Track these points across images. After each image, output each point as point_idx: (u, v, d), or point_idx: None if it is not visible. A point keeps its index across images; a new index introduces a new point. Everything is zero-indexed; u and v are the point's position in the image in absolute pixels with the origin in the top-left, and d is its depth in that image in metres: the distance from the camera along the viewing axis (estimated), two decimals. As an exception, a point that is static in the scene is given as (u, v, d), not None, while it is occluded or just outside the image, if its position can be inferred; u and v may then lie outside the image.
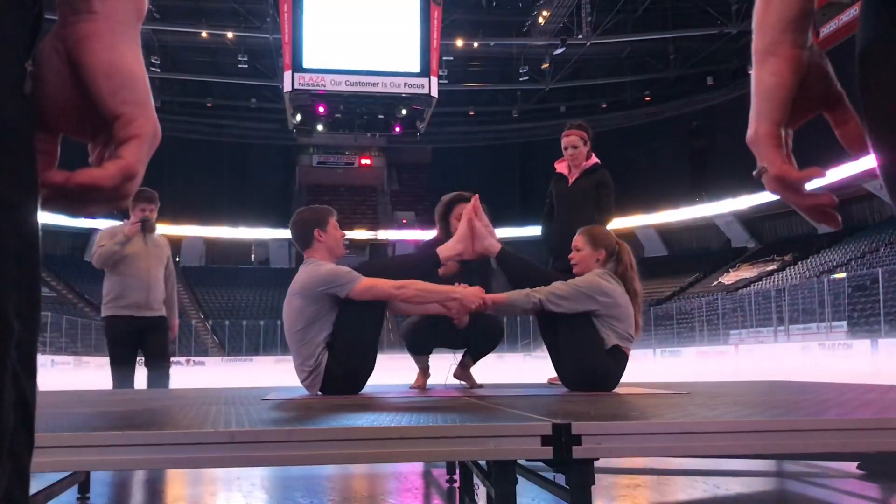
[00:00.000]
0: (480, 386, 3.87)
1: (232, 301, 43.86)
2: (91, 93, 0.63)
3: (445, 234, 3.89)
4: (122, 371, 5.02)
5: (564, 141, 4.97)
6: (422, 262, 3.58)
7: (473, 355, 3.94)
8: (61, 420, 1.99)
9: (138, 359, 5.13)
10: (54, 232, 40.63)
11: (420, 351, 3.91)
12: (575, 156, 4.93)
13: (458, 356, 3.97)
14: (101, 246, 5.13)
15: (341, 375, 3.22)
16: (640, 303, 3.42)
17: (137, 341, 5.09)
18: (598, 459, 1.65)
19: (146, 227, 5.20)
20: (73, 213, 0.65)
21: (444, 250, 3.52)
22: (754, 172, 0.75)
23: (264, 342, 38.54)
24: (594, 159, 4.97)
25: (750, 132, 0.74)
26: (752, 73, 0.75)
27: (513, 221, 36.78)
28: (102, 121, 0.64)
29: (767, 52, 0.72)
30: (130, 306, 5.07)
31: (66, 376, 20.98)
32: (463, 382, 3.94)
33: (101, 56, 0.63)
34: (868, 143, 0.71)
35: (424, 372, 3.93)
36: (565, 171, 5.02)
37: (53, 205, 0.64)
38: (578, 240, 3.48)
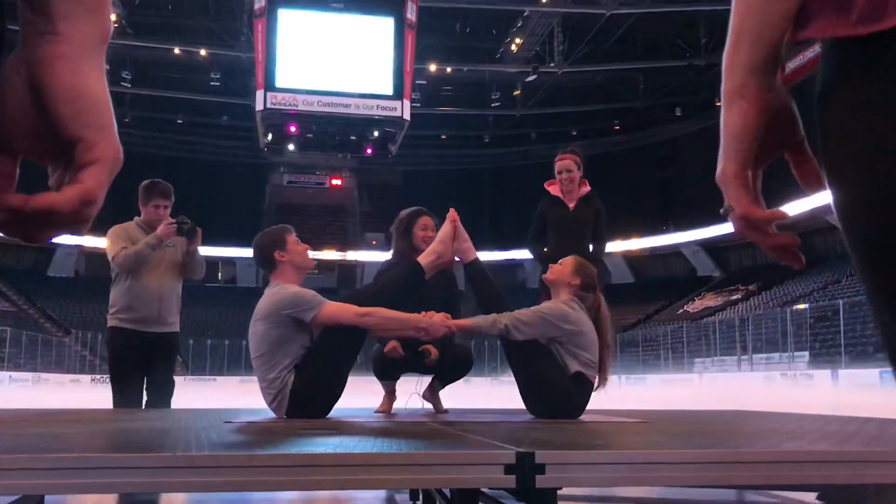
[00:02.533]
0: (446, 411, 3.87)
1: (196, 319, 43.25)
2: (52, 116, 0.62)
3: (409, 248, 3.90)
4: (125, 389, 4.50)
5: (559, 165, 4.96)
6: (405, 278, 3.57)
7: (442, 381, 3.94)
8: (14, 440, 1.94)
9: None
10: (17, 245, 39.92)
11: (388, 377, 3.90)
12: (569, 179, 4.93)
13: (425, 380, 3.97)
14: (123, 248, 4.46)
15: (308, 399, 3.19)
16: (608, 341, 3.43)
17: (144, 358, 4.53)
18: (561, 489, 1.65)
19: (184, 233, 4.52)
20: (30, 237, 0.63)
21: (424, 256, 3.55)
22: (721, 210, 0.77)
23: (229, 362, 38.07)
24: (587, 185, 4.98)
25: (718, 171, 0.76)
26: (721, 113, 0.76)
27: (482, 245, 36.82)
28: (63, 144, 0.63)
29: (735, 94, 0.74)
30: (139, 320, 4.51)
31: (24, 393, 20.52)
32: (429, 405, 3.93)
33: (64, 79, 0.62)
34: (824, 182, 0.73)
35: (391, 395, 3.91)
36: (559, 194, 5.01)
37: (10, 228, 0.62)
38: (569, 260, 3.51)
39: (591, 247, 4.94)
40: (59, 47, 0.62)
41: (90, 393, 20.89)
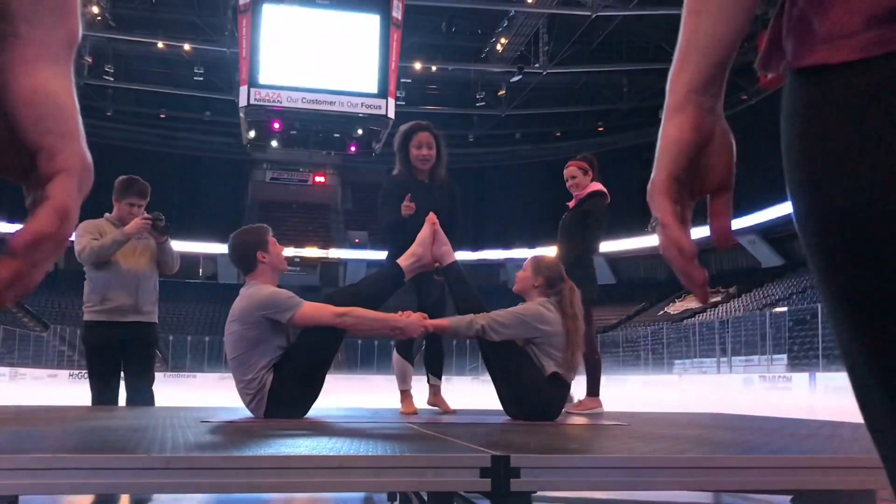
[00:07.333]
0: (454, 411, 3.91)
1: (177, 315, 43.00)
2: (13, 123, 0.58)
3: (406, 165, 4.08)
4: (103, 385, 4.43)
5: (564, 173, 5.04)
6: (386, 279, 3.61)
7: (434, 371, 4.03)
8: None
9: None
10: (-6, 239, 39.49)
11: (407, 354, 3.99)
12: (574, 185, 4.98)
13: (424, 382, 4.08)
14: (93, 240, 4.34)
15: (286, 399, 3.18)
16: (579, 340, 3.45)
17: (121, 351, 4.45)
18: (535, 492, 1.66)
19: (158, 229, 4.42)
20: (28, 283, 0.59)
21: (403, 259, 3.59)
22: (648, 226, 0.76)
23: (209, 358, 37.87)
24: (592, 187, 4.99)
25: (649, 186, 0.76)
26: (660, 129, 0.76)
27: (465, 245, 36.93)
28: (32, 158, 0.59)
29: (674, 109, 0.74)
30: (115, 311, 4.41)
31: (0, 389, 20.31)
32: (436, 408, 4.01)
33: (23, 82, 0.58)
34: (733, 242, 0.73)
35: (408, 395, 3.99)
36: (571, 203, 5.09)
37: (8, 293, 0.59)
38: (527, 264, 3.54)
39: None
40: (20, 51, 0.59)
41: (68, 389, 20.71)
